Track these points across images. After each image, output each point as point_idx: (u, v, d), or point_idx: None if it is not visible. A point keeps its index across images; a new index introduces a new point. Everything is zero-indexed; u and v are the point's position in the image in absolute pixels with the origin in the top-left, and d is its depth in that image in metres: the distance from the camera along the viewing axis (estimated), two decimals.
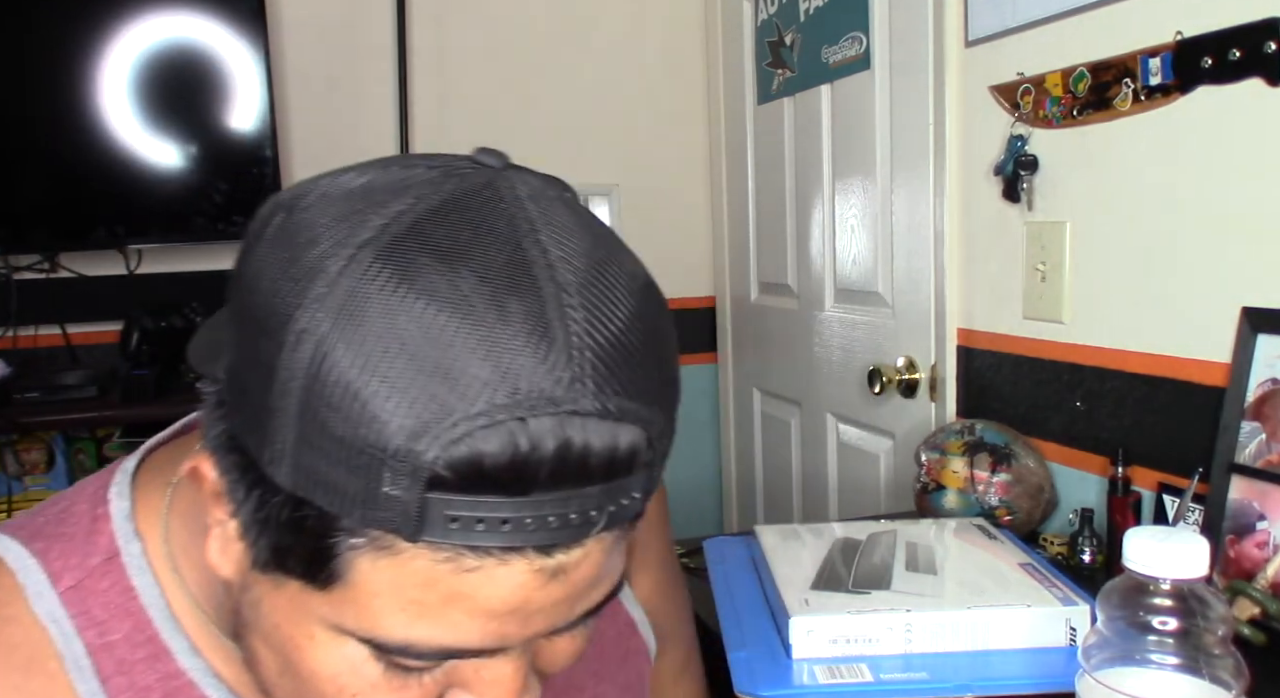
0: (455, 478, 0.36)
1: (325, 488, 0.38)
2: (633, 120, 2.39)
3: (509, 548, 0.38)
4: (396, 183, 0.41)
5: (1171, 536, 0.61)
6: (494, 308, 0.37)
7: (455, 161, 0.43)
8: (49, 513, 0.53)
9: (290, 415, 0.38)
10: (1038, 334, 1.39)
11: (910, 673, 0.86)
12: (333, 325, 0.37)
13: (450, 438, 0.36)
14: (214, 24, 1.99)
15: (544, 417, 0.36)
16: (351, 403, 0.36)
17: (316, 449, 0.38)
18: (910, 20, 1.60)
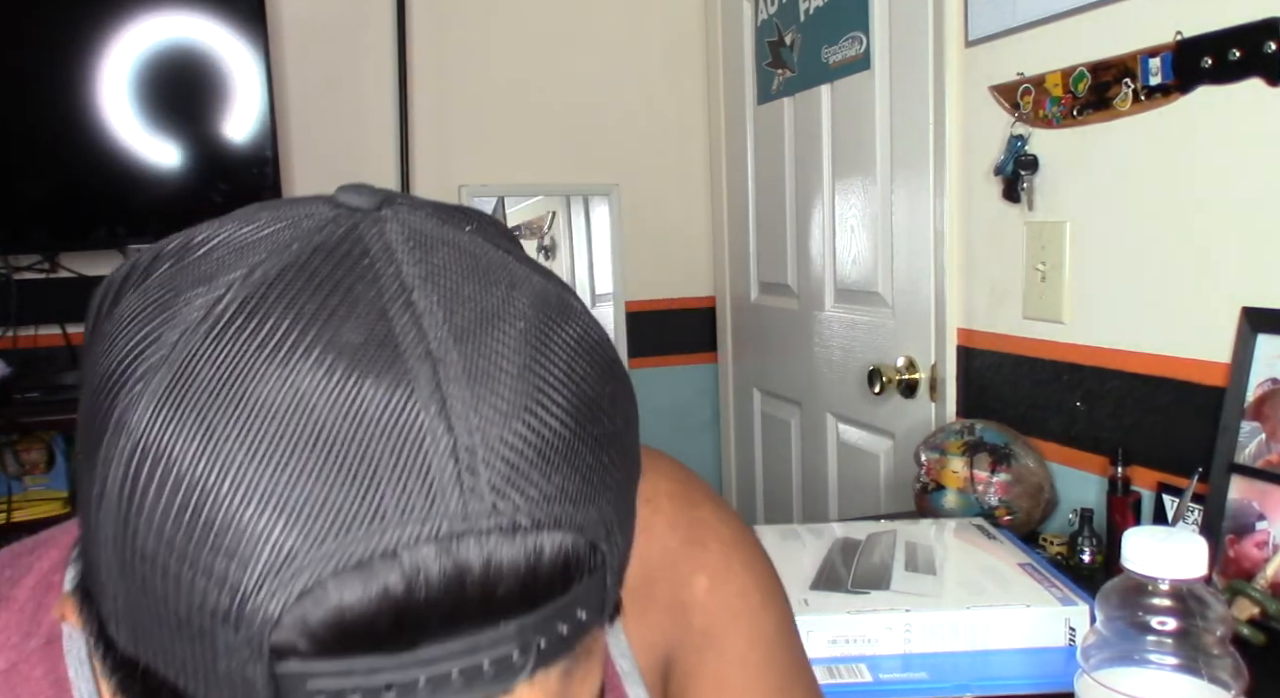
0: (310, 642, 0.27)
1: (165, 658, 0.30)
2: (633, 120, 2.39)
3: None
4: (227, 253, 0.33)
5: (1170, 536, 0.61)
6: (344, 415, 0.28)
7: (309, 209, 0.34)
8: (8, 567, 0.47)
9: (112, 563, 0.30)
10: (1038, 334, 1.39)
11: (910, 673, 0.86)
12: (136, 456, 0.29)
13: (295, 590, 0.27)
14: (214, 24, 1.99)
15: (423, 544, 0.27)
16: (166, 552, 0.28)
17: (142, 606, 0.29)
18: (910, 20, 1.60)
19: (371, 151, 2.21)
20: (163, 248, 0.35)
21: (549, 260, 2.88)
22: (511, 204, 2.94)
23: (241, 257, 0.32)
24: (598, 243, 2.55)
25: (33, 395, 1.86)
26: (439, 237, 0.34)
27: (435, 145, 2.25)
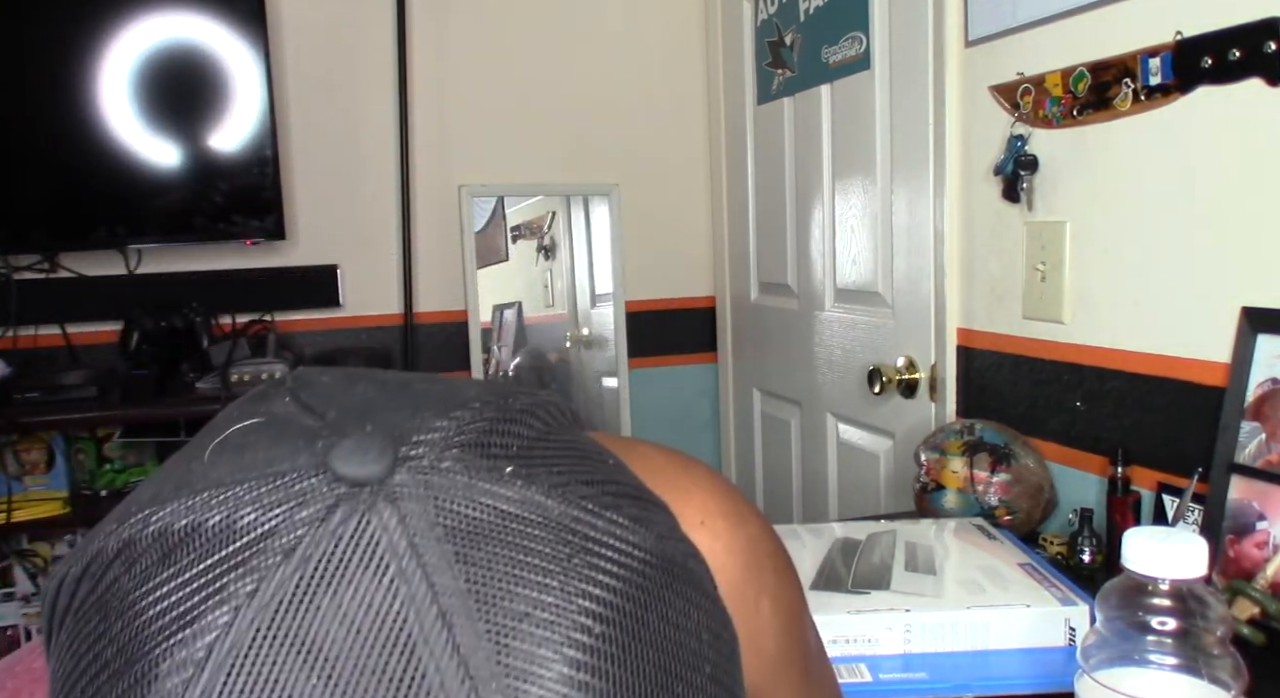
0: None
1: None
2: (633, 120, 2.39)
3: None
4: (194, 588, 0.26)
5: (1170, 536, 0.61)
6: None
7: (299, 486, 0.27)
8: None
9: None
10: (1038, 334, 1.39)
11: (910, 673, 0.86)
12: None
13: None
14: (214, 25, 1.99)
15: None
16: None
17: None
18: (910, 20, 1.60)
19: (371, 152, 2.21)
20: (110, 552, 0.28)
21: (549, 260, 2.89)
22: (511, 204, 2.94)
23: (220, 599, 0.25)
24: (598, 243, 2.55)
25: (33, 395, 1.86)
26: (475, 514, 0.27)
27: (435, 145, 2.25)
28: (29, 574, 2.06)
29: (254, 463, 0.27)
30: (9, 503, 1.90)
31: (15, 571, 2.06)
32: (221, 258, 2.12)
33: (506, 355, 2.71)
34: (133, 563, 0.26)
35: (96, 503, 2.01)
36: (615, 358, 2.44)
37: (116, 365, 1.98)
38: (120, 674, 0.25)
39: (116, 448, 2.05)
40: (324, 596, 0.25)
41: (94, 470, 2.03)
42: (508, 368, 2.71)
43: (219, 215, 2.05)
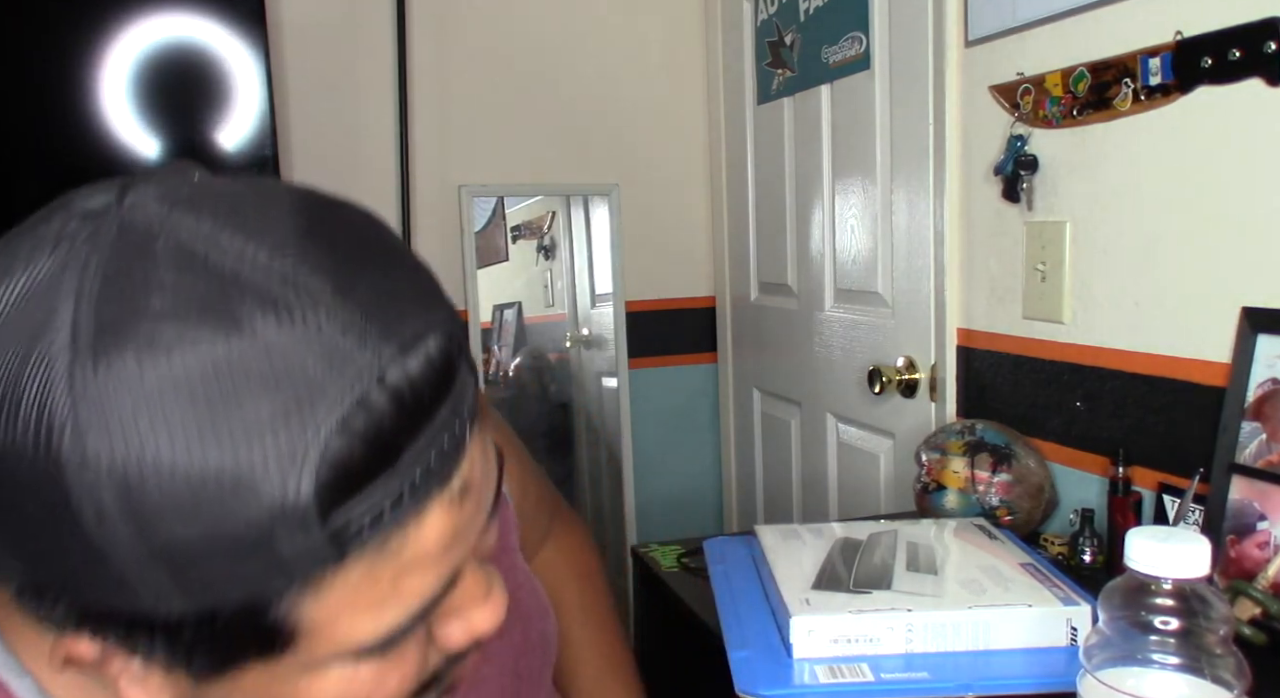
0: (336, 494, 0.35)
1: (228, 585, 0.36)
2: (633, 120, 2.39)
3: (419, 507, 0.38)
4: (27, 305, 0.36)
5: (1173, 535, 0.61)
6: (234, 334, 0.34)
7: (66, 223, 0.38)
8: None
9: (144, 564, 0.34)
10: (1038, 334, 1.39)
11: (911, 673, 0.86)
12: (103, 446, 0.33)
13: (309, 472, 0.34)
14: (214, 25, 1.99)
15: (369, 393, 0.36)
16: (189, 502, 0.33)
17: (196, 569, 0.35)
18: (910, 20, 1.60)
19: (371, 152, 2.21)
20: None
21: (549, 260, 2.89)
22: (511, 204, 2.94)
23: (58, 286, 0.36)
24: (598, 243, 2.55)
25: None
26: (181, 197, 0.38)
27: (435, 145, 2.25)
28: None
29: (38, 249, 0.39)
30: None
31: None
32: None
33: (506, 355, 2.71)
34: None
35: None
36: (615, 358, 2.44)
37: None
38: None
39: None
40: (121, 276, 0.35)
41: None
42: (508, 368, 2.71)
43: None
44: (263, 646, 0.39)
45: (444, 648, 0.46)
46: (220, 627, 0.37)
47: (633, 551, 1.31)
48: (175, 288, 0.35)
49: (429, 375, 0.38)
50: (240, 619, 0.37)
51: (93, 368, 0.33)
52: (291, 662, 0.40)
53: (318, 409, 0.35)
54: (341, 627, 0.39)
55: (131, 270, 0.35)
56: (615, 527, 2.56)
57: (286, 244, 0.37)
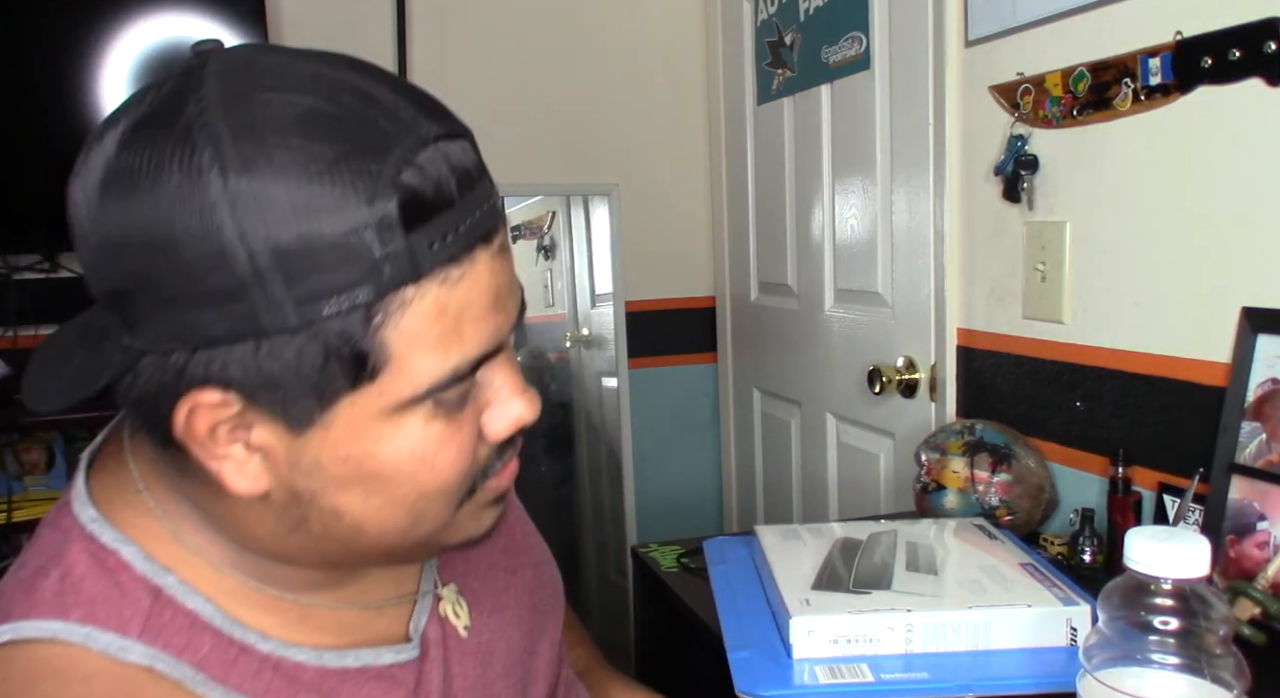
0: (414, 214, 0.46)
1: (329, 291, 0.45)
2: (633, 120, 2.39)
3: (470, 247, 0.49)
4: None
5: (1173, 535, 0.61)
6: (330, 104, 0.46)
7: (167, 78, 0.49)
8: (45, 586, 0.52)
9: (263, 271, 0.44)
10: (1038, 334, 1.39)
11: (911, 673, 0.86)
12: (238, 189, 0.44)
13: (390, 189, 0.45)
14: (214, 24, 1.99)
15: (427, 148, 0.47)
16: (309, 215, 0.44)
17: (305, 268, 0.44)
18: (910, 20, 1.60)
19: None
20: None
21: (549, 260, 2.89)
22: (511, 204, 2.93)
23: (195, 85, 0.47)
24: (598, 243, 2.55)
25: None
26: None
27: None
28: None
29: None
30: (9, 503, 1.90)
31: None
32: None
33: None
34: None
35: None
36: (615, 358, 2.44)
37: None
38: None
39: None
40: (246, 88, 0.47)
41: None
42: None
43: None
44: (356, 371, 0.48)
45: (491, 439, 0.55)
46: (324, 346, 0.46)
47: (633, 551, 1.31)
48: (278, 89, 0.46)
49: (471, 156, 0.50)
50: (340, 337, 0.46)
51: (235, 156, 0.44)
52: (376, 400, 0.49)
53: (393, 153, 0.46)
54: (416, 363, 0.48)
55: (240, 87, 0.46)
56: (615, 527, 2.56)
57: (348, 64, 0.49)
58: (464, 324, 0.49)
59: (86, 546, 0.54)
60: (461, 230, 0.48)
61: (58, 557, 0.53)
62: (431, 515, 0.54)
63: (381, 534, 0.54)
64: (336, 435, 0.49)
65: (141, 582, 0.53)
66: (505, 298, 0.52)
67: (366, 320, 0.46)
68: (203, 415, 0.48)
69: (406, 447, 0.50)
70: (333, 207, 0.44)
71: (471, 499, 0.56)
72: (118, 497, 0.56)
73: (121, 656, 0.51)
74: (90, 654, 0.50)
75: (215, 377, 0.47)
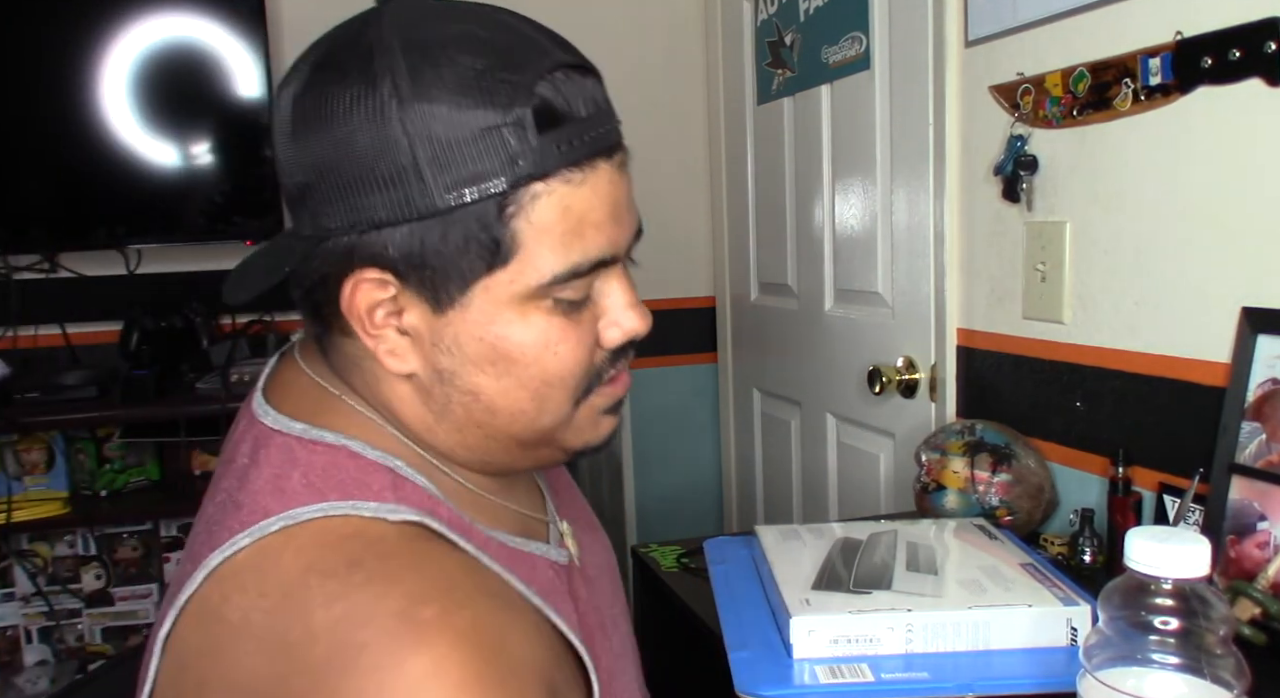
0: (546, 120, 0.54)
1: (472, 179, 0.53)
2: (633, 120, 2.37)
3: (594, 155, 0.57)
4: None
5: (1173, 535, 0.61)
6: (493, 33, 0.56)
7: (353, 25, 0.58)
8: (291, 485, 0.57)
9: (423, 157, 0.53)
10: (1038, 334, 1.39)
11: (911, 673, 0.86)
12: (410, 83, 0.53)
13: (527, 97, 0.54)
14: (214, 25, 1.99)
15: (559, 71, 0.56)
16: (459, 113, 0.53)
17: (454, 158, 0.53)
18: (910, 20, 1.60)
19: None
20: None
21: None
22: None
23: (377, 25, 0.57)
24: None
25: (33, 395, 1.86)
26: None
27: None
28: (29, 574, 2.06)
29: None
30: (9, 503, 1.90)
31: (15, 571, 2.06)
32: (221, 258, 2.12)
33: None
34: None
35: (96, 503, 2.01)
36: None
37: (116, 365, 1.98)
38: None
39: (116, 448, 2.05)
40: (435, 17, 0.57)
41: (94, 471, 2.03)
42: None
43: (219, 215, 2.05)
44: (491, 255, 0.55)
45: (605, 345, 0.62)
46: (463, 229, 0.54)
47: (633, 551, 1.31)
48: (441, 18, 0.56)
49: (599, 89, 0.59)
50: (476, 222, 0.54)
51: (404, 66, 0.53)
52: (506, 286, 0.56)
53: (530, 69, 0.55)
54: (541, 256, 0.56)
55: (411, 15, 0.56)
56: (615, 527, 2.56)
57: (500, 10, 0.58)
58: (585, 226, 0.57)
59: (313, 448, 0.59)
60: (586, 140, 0.56)
61: (290, 463, 0.58)
62: (554, 405, 0.61)
63: (513, 418, 0.60)
64: (474, 316, 0.57)
65: (376, 464, 0.59)
66: (623, 212, 0.61)
67: (500, 209, 0.54)
68: (363, 292, 0.56)
69: (531, 333, 0.58)
70: (478, 107, 0.53)
71: (588, 401, 0.62)
72: (321, 409, 0.61)
73: (391, 516, 0.56)
74: (363, 519, 0.55)
75: (377, 257, 0.55)
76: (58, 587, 2.08)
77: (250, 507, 0.56)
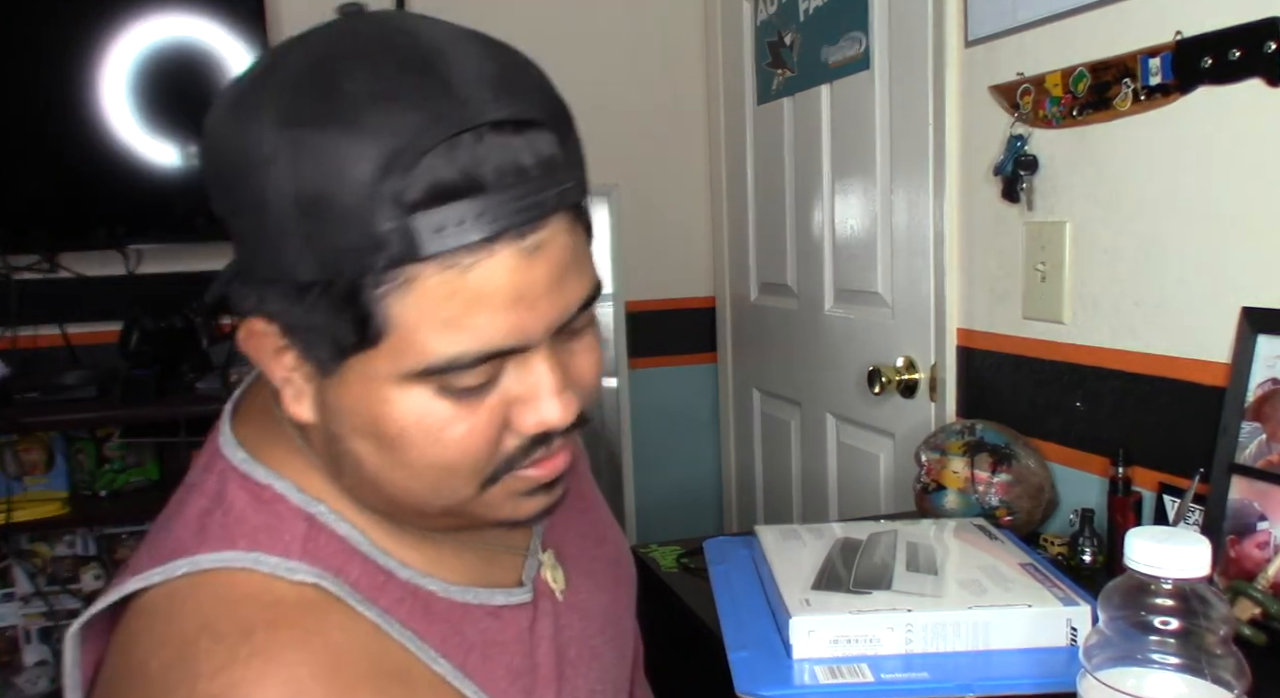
0: (426, 197, 0.46)
1: (341, 255, 0.47)
2: (633, 120, 2.39)
3: (490, 238, 0.47)
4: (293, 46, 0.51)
5: (1173, 535, 0.61)
6: (398, 77, 0.47)
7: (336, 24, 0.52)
8: (211, 522, 0.56)
9: (290, 219, 0.47)
10: (1038, 334, 1.39)
11: (911, 673, 0.86)
12: (283, 139, 0.46)
13: (408, 169, 0.45)
14: (214, 24, 1.99)
15: (469, 132, 0.46)
16: (330, 179, 0.46)
17: (323, 227, 0.46)
18: (910, 20, 1.60)
19: None
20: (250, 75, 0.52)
21: None
22: None
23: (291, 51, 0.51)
24: (598, 243, 2.54)
25: (33, 395, 1.86)
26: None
27: None
28: (29, 574, 2.06)
29: None
30: (9, 503, 1.90)
31: (15, 571, 2.06)
32: (222, 258, 2.09)
33: None
34: None
35: (96, 503, 2.01)
36: (615, 358, 2.44)
37: (116, 365, 1.98)
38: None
39: (116, 448, 2.05)
40: (351, 47, 0.50)
41: (94, 471, 2.03)
42: None
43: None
44: (361, 333, 0.49)
45: (518, 430, 0.54)
46: (332, 300, 0.48)
47: (633, 551, 1.31)
48: (357, 55, 0.48)
49: (537, 148, 0.49)
50: (345, 296, 0.48)
51: (290, 109, 0.47)
52: (382, 365, 0.50)
53: (429, 132, 0.46)
54: (419, 339, 0.49)
55: (329, 49, 0.49)
56: None
57: (460, 35, 0.50)
58: (476, 314, 0.48)
59: (243, 483, 0.57)
60: (483, 220, 0.47)
61: (218, 496, 0.57)
62: (449, 490, 0.55)
63: (404, 493, 0.55)
64: (351, 388, 0.51)
65: (296, 511, 0.56)
66: (543, 295, 0.50)
67: (373, 286, 0.47)
68: (255, 339, 0.53)
69: (411, 417, 0.51)
70: (356, 172, 0.46)
71: (501, 484, 0.55)
72: (265, 439, 0.59)
73: (289, 576, 0.53)
74: (263, 576, 0.53)
75: (262, 308, 0.51)
76: (57, 587, 2.08)
77: (173, 540, 0.55)
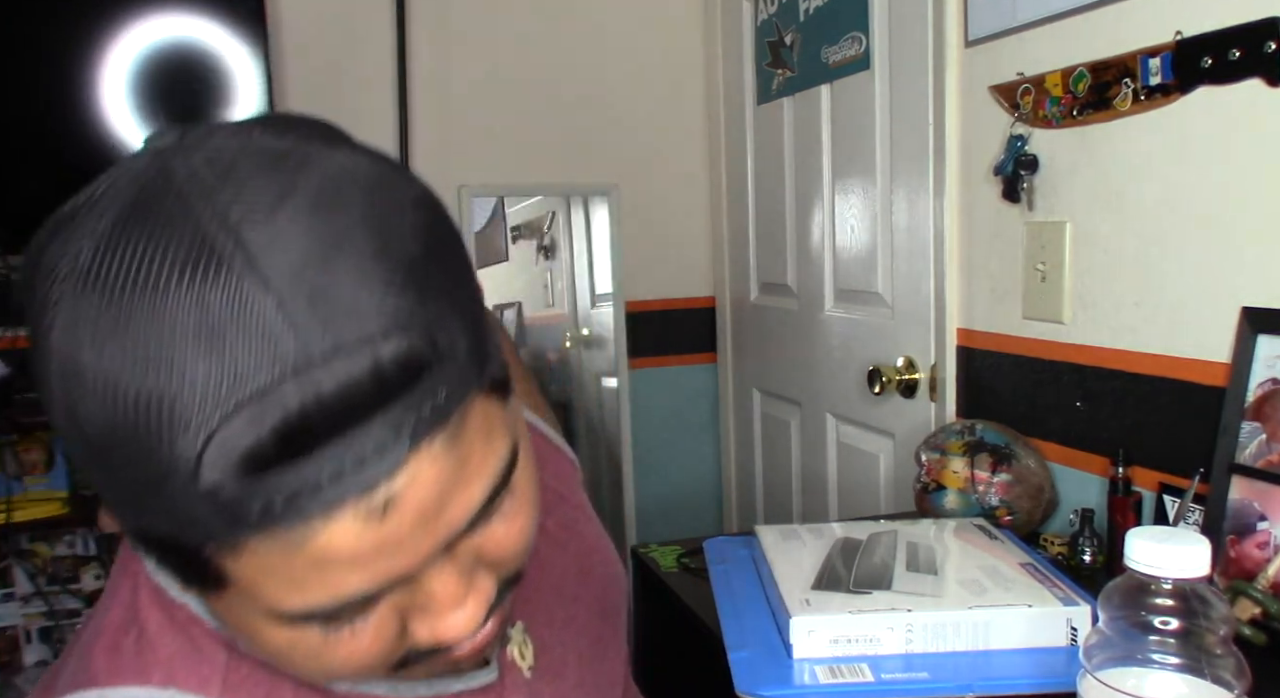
0: (229, 475, 0.36)
1: (149, 517, 0.39)
2: (633, 120, 2.39)
3: (327, 507, 0.37)
4: (86, 214, 0.39)
5: (1173, 535, 0.61)
6: (195, 312, 0.36)
7: (126, 162, 0.41)
8: (126, 645, 0.51)
9: (97, 474, 0.39)
10: (1038, 334, 1.39)
11: (911, 673, 0.86)
12: (61, 383, 0.38)
13: (202, 443, 0.35)
14: (214, 24, 1.99)
15: (284, 383, 0.35)
16: (112, 450, 0.37)
17: (121, 495, 0.39)
18: (910, 20, 1.60)
19: None
20: (53, 220, 0.41)
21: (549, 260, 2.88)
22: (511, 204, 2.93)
23: (92, 213, 0.39)
24: (598, 243, 2.55)
25: (33, 395, 1.86)
26: (231, 147, 0.39)
27: (435, 145, 2.25)
28: (29, 574, 2.06)
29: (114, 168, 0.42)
30: (9, 503, 1.90)
31: (15, 571, 2.06)
32: None
33: None
34: (54, 227, 0.41)
35: (96, 503, 2.01)
36: (615, 358, 2.44)
37: None
38: (51, 269, 0.40)
39: None
40: (135, 221, 0.38)
41: None
42: None
43: None
44: (201, 582, 0.41)
45: (414, 642, 0.45)
46: (161, 549, 0.41)
47: (633, 551, 1.31)
48: (163, 255, 0.37)
49: (370, 382, 0.36)
50: (183, 552, 0.39)
51: (78, 290, 0.38)
52: (240, 603, 0.42)
53: (226, 385, 0.35)
54: (267, 589, 0.40)
55: (139, 221, 0.38)
56: (615, 527, 2.56)
57: (270, 209, 0.38)
58: (323, 573, 0.39)
59: (157, 599, 0.52)
60: (305, 495, 0.36)
61: (132, 610, 0.52)
62: (358, 678, 0.49)
63: (315, 681, 0.50)
64: (225, 607, 0.43)
65: (214, 636, 0.51)
66: (398, 544, 0.39)
67: (199, 546, 0.39)
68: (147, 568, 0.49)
69: (285, 646, 0.43)
70: (139, 446, 0.36)
71: (420, 664, 0.48)
72: None
73: None
74: None
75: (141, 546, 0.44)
76: (57, 587, 2.08)
77: (83, 664, 0.51)
